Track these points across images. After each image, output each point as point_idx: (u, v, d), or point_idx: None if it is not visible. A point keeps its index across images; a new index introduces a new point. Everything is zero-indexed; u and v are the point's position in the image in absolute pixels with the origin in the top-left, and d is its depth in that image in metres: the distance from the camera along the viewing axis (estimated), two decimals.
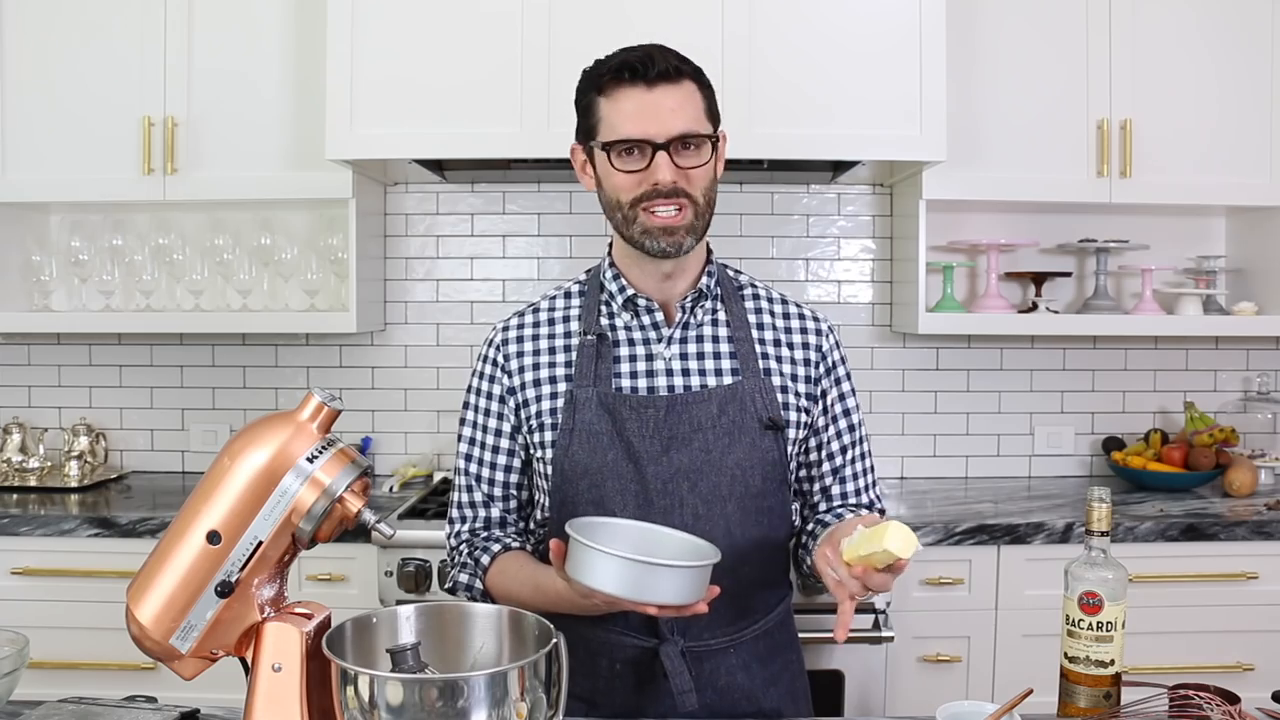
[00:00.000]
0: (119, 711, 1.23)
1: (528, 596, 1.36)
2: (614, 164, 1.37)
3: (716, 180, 1.43)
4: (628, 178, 1.37)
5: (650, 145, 1.35)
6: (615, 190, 1.39)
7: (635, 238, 1.39)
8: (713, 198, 1.41)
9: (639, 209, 1.37)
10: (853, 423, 1.54)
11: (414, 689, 0.99)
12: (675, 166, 1.35)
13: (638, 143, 1.35)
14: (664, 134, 1.35)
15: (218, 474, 1.10)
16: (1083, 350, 2.96)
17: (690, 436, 1.41)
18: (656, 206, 1.36)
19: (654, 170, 1.35)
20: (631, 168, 1.36)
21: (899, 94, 2.43)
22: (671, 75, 1.36)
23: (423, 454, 2.94)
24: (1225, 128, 2.64)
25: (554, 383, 1.46)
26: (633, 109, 1.35)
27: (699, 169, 1.37)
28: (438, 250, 2.95)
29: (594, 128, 1.40)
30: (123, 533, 2.36)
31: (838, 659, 2.25)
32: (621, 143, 1.36)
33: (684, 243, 1.38)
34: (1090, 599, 1.28)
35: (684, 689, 1.35)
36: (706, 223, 1.42)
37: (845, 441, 1.53)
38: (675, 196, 1.36)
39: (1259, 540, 2.37)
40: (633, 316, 1.47)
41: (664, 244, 1.38)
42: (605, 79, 1.38)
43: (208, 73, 2.62)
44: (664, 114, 1.35)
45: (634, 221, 1.38)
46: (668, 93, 1.36)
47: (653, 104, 1.35)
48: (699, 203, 1.38)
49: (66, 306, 2.87)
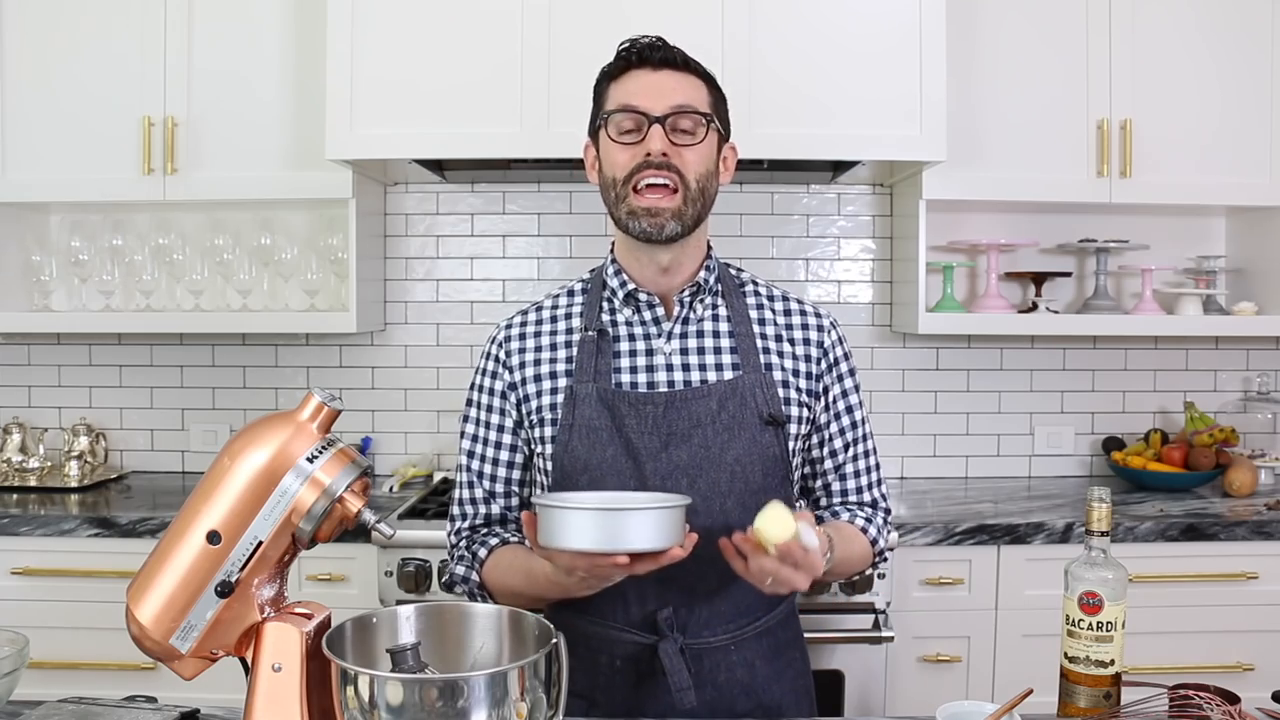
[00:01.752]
0: (119, 711, 1.23)
1: (520, 585, 1.38)
2: (611, 135, 1.40)
3: (716, 173, 1.44)
4: (623, 150, 1.39)
5: (646, 117, 1.38)
6: (611, 167, 1.41)
7: (623, 219, 1.41)
8: (708, 187, 1.42)
9: (629, 188, 1.39)
10: (855, 420, 1.53)
11: (414, 689, 0.99)
12: (670, 142, 1.38)
13: (634, 112, 1.38)
14: (661, 107, 1.38)
15: (218, 474, 1.10)
16: (1083, 350, 2.96)
17: (689, 432, 1.41)
18: (647, 178, 1.37)
19: (647, 140, 1.37)
20: (627, 140, 1.39)
21: (899, 94, 2.43)
22: (678, 64, 1.41)
23: (423, 454, 2.94)
24: (1225, 128, 2.64)
25: (555, 378, 1.46)
26: (635, 87, 1.40)
27: (693, 147, 1.39)
28: (438, 250, 2.95)
29: (601, 111, 1.43)
30: (123, 533, 2.36)
31: (838, 659, 2.26)
32: (620, 111, 1.39)
33: (666, 226, 1.39)
34: (1090, 599, 1.28)
35: (682, 686, 1.35)
36: (698, 213, 1.41)
37: (847, 439, 1.53)
38: (667, 170, 1.37)
39: (1259, 540, 2.37)
40: (634, 311, 1.48)
41: (646, 224, 1.39)
42: (617, 65, 1.43)
43: (208, 73, 2.62)
44: (664, 91, 1.39)
45: (623, 201, 1.40)
46: (672, 75, 1.41)
47: (655, 82, 1.40)
48: (690, 186, 1.39)
49: (66, 306, 2.87)
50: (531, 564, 1.36)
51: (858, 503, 1.54)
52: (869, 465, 1.55)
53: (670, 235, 1.40)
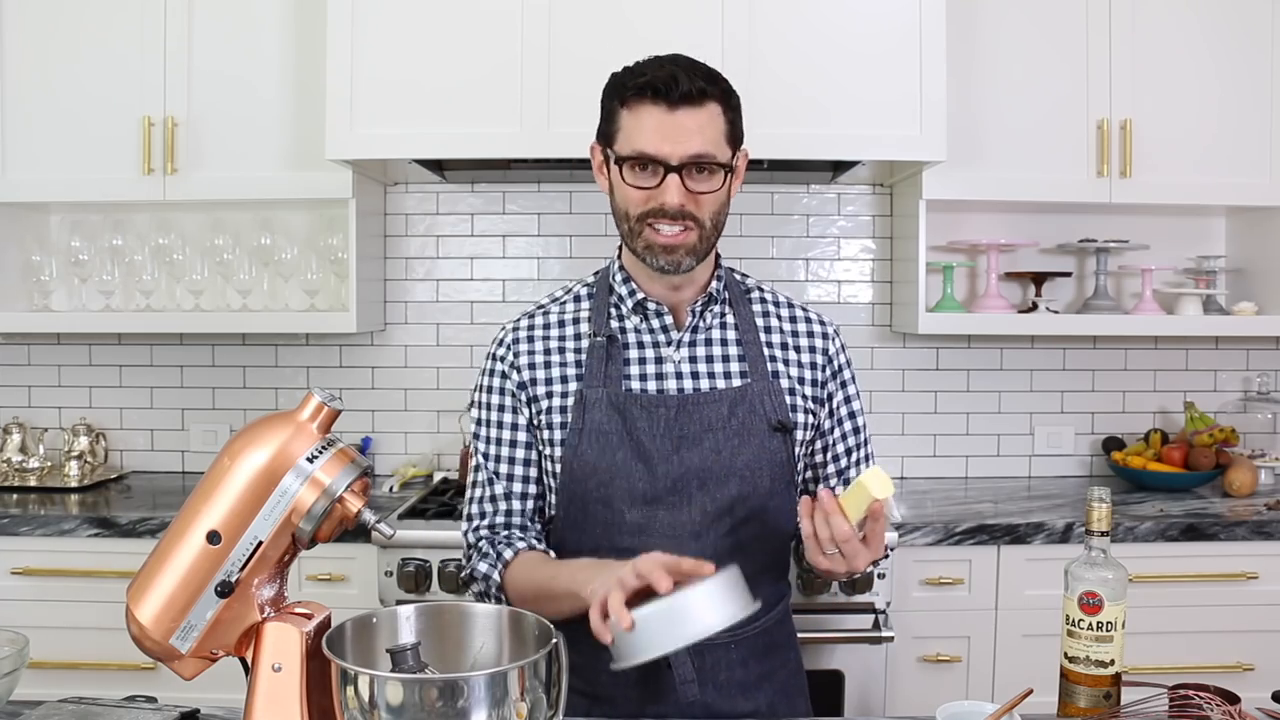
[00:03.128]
0: (119, 711, 1.23)
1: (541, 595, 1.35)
2: (625, 178, 1.38)
3: (729, 202, 1.43)
4: (638, 193, 1.38)
5: (663, 165, 1.35)
6: (625, 202, 1.40)
7: (638, 250, 1.41)
8: (721, 221, 1.42)
9: (645, 224, 1.38)
10: (858, 425, 1.56)
11: (414, 689, 0.99)
12: (685, 190, 1.35)
13: (651, 160, 1.35)
14: (678, 155, 1.35)
15: (218, 474, 1.10)
16: (1083, 350, 2.96)
17: (701, 436, 1.42)
18: (661, 225, 1.37)
19: (663, 190, 1.35)
20: (643, 184, 1.37)
21: (899, 94, 2.43)
22: (695, 97, 1.35)
23: (423, 454, 2.94)
24: (1225, 128, 2.64)
25: (564, 382, 1.47)
26: (652, 126, 1.35)
27: (710, 195, 1.38)
28: (438, 250, 2.95)
29: (613, 136, 1.41)
30: (123, 533, 2.36)
31: (838, 659, 2.25)
32: (635, 158, 1.36)
33: (683, 262, 1.40)
34: (1090, 599, 1.28)
35: (686, 679, 1.36)
36: (711, 244, 1.43)
37: (850, 444, 1.55)
38: (681, 219, 1.37)
39: (1259, 540, 2.37)
40: (642, 319, 1.48)
41: (663, 261, 1.39)
42: (629, 92, 1.37)
43: (208, 73, 2.62)
44: (681, 135, 1.35)
45: (639, 235, 1.40)
46: (689, 115, 1.35)
47: (672, 124, 1.35)
48: (705, 226, 1.39)
49: (66, 306, 2.87)
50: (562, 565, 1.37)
51: None
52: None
53: (687, 269, 1.41)
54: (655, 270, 1.41)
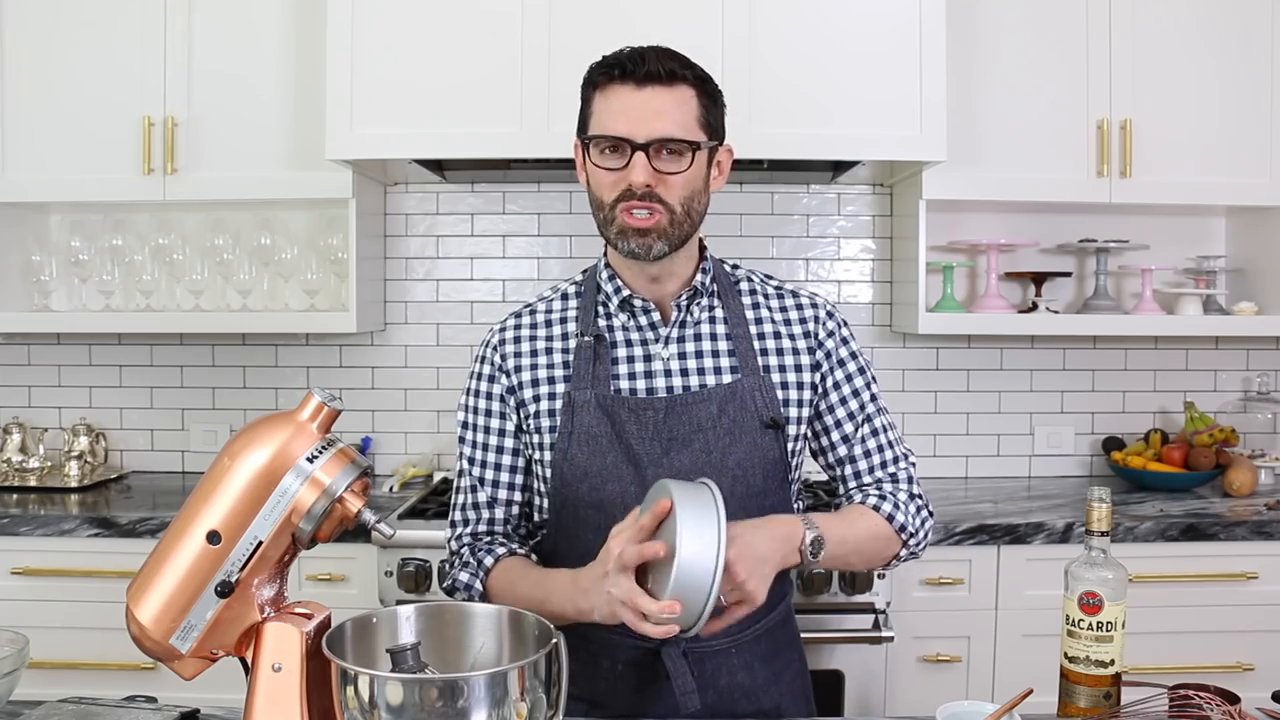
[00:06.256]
0: (119, 711, 1.23)
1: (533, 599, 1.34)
2: (594, 160, 1.38)
3: (705, 190, 1.41)
4: (607, 175, 1.37)
5: (629, 144, 1.34)
6: (597, 187, 1.39)
7: (612, 237, 1.40)
8: (695, 207, 1.39)
9: (617, 209, 1.37)
10: (863, 401, 1.51)
11: (414, 689, 0.99)
12: (652, 170, 1.34)
13: (617, 140, 1.35)
14: (644, 135, 1.34)
15: (218, 474, 1.10)
16: (1083, 350, 2.96)
17: (691, 437, 1.40)
18: (633, 207, 1.36)
19: (630, 170, 1.34)
20: (611, 165, 1.36)
21: (899, 94, 2.43)
22: (664, 78, 1.35)
23: (423, 454, 2.94)
24: (1225, 128, 2.64)
25: (552, 384, 1.45)
26: (619, 107, 1.35)
27: (678, 175, 1.36)
28: (438, 250, 2.95)
29: (586, 122, 1.40)
30: (123, 533, 2.36)
31: (838, 659, 2.26)
32: (602, 138, 1.36)
33: (654, 246, 1.37)
34: (1090, 599, 1.28)
35: (686, 690, 1.35)
36: (685, 232, 1.40)
37: (858, 420, 1.50)
38: (649, 200, 1.35)
39: (1259, 540, 2.37)
40: (630, 317, 1.47)
41: (634, 245, 1.37)
42: (599, 74, 1.38)
43: (208, 73, 2.62)
44: (648, 115, 1.34)
45: (612, 223, 1.38)
46: (657, 94, 1.35)
47: (639, 104, 1.34)
48: (676, 211, 1.37)
49: (66, 306, 2.87)
50: (546, 580, 1.35)
51: (873, 481, 1.50)
52: (880, 444, 1.51)
53: (658, 255, 1.38)
54: (627, 256, 1.39)
